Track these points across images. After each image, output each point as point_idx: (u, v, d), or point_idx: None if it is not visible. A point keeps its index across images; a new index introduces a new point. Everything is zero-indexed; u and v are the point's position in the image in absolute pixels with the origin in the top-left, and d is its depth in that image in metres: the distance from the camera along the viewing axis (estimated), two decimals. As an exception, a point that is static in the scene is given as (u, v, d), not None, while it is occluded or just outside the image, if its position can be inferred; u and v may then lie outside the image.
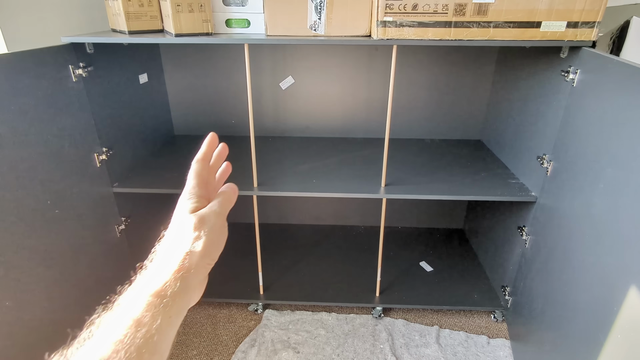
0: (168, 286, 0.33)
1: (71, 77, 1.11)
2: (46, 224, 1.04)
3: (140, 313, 0.31)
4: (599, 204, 0.92)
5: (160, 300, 0.32)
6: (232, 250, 1.79)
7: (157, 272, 0.34)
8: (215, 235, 0.38)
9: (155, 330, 0.30)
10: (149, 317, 0.30)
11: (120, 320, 0.30)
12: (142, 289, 0.33)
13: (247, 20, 1.20)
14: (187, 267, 0.35)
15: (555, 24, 1.03)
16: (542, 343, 1.16)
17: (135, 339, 0.29)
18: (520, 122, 1.39)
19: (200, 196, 0.40)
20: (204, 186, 0.41)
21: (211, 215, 0.39)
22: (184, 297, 0.34)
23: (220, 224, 0.39)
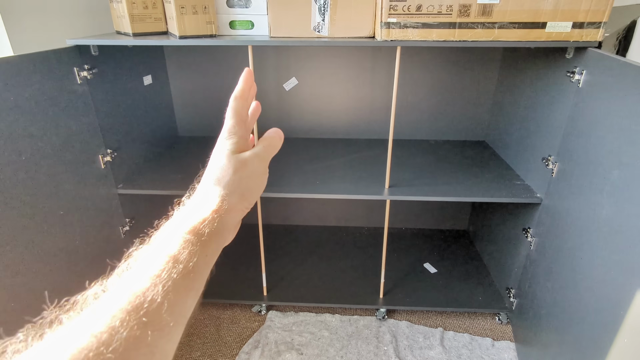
0: (205, 225, 0.33)
1: (76, 79, 1.12)
2: (51, 225, 1.05)
3: (177, 250, 0.31)
4: (605, 206, 0.91)
5: (197, 238, 0.32)
6: (235, 251, 1.79)
7: (195, 210, 0.34)
8: (256, 180, 0.38)
9: (192, 268, 0.30)
10: (185, 254, 0.31)
11: (157, 256, 0.30)
12: (179, 226, 0.33)
13: (250, 22, 1.20)
14: (225, 209, 0.35)
15: (560, 24, 1.03)
16: (547, 346, 1.15)
17: (172, 274, 0.29)
18: (525, 123, 1.38)
19: (240, 136, 0.39)
20: (242, 125, 0.40)
21: (254, 159, 0.38)
22: (219, 237, 0.34)
23: (262, 169, 0.39)
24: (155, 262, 0.29)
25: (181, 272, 0.29)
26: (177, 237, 0.32)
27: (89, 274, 1.19)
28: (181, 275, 0.29)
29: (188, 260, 0.30)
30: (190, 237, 0.32)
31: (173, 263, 0.30)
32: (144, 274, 0.29)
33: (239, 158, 0.37)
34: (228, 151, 0.38)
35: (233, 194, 0.36)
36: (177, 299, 0.28)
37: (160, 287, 0.28)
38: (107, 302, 0.27)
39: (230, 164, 0.37)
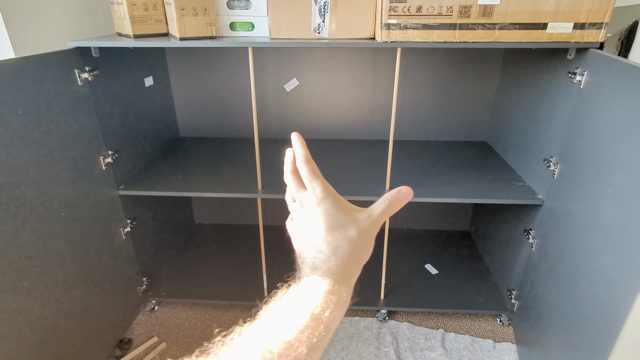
0: (338, 289, 0.34)
1: (77, 81, 1.12)
2: (52, 226, 1.05)
3: (319, 309, 0.31)
4: (607, 208, 0.90)
5: (337, 297, 0.33)
6: (236, 252, 1.79)
7: (328, 273, 0.35)
8: (367, 248, 0.39)
9: (330, 327, 0.32)
10: (327, 313, 0.31)
11: (297, 313, 0.31)
12: (315, 284, 0.34)
13: (251, 24, 1.20)
14: (350, 279, 0.36)
15: (561, 25, 1.02)
16: (548, 348, 1.14)
17: (313, 335, 0.30)
18: (527, 124, 1.38)
19: (333, 193, 0.39)
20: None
21: (372, 227, 0.39)
22: (346, 304, 0.35)
23: (373, 233, 0.39)
24: (294, 320, 0.31)
25: (321, 334, 0.30)
26: (317, 295, 0.32)
27: (90, 274, 1.19)
28: (321, 337, 0.30)
29: (329, 320, 0.31)
30: (328, 297, 0.33)
31: (315, 322, 0.31)
32: (280, 332, 0.30)
33: (359, 231, 0.37)
34: (357, 220, 0.38)
35: (355, 266, 0.37)
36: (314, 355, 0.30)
37: (304, 347, 0.29)
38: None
39: (352, 237, 0.37)
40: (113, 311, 1.35)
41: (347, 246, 0.36)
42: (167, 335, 1.44)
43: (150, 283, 1.56)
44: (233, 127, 1.80)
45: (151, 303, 1.54)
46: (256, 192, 1.32)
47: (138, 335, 1.44)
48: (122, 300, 1.40)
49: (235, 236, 1.92)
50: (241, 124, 1.80)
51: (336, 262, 0.35)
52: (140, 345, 1.39)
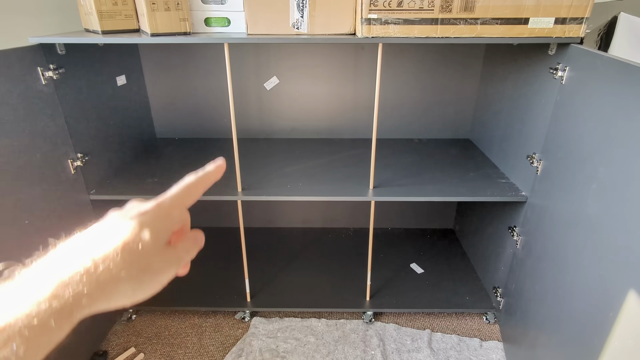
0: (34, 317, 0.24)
1: (40, 79, 1.05)
2: (16, 235, 0.98)
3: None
4: (592, 204, 0.90)
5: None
6: (217, 256, 1.74)
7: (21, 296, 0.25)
8: (143, 264, 0.29)
9: None
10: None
11: None
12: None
13: (227, 19, 1.15)
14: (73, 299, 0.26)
15: (543, 20, 1.01)
16: (535, 345, 1.13)
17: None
18: (509, 121, 1.37)
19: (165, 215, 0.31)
20: (182, 211, 0.33)
21: (160, 231, 0.30)
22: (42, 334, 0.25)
23: (167, 279, 0.30)
24: None
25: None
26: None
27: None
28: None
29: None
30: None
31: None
32: None
33: (140, 220, 0.29)
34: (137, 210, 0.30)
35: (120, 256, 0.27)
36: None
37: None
38: None
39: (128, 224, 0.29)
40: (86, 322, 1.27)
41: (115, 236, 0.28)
42: (145, 345, 1.38)
43: (126, 291, 1.50)
44: (212, 127, 1.75)
45: (127, 312, 1.47)
46: (236, 194, 1.27)
47: (114, 347, 1.37)
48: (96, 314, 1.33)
49: (215, 239, 1.86)
50: (220, 123, 1.74)
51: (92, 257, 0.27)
52: (117, 357, 1.33)
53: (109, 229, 0.29)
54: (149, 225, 0.30)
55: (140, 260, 0.29)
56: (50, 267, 0.27)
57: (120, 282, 0.28)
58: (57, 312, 0.25)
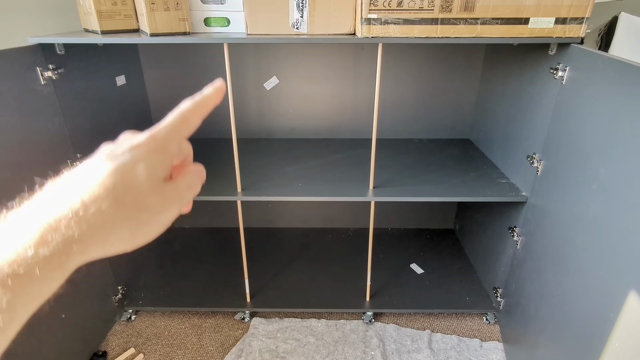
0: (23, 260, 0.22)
1: (39, 79, 1.05)
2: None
3: None
4: (593, 205, 0.89)
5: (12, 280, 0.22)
6: (217, 256, 1.74)
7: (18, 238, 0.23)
8: (136, 205, 0.26)
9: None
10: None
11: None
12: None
13: (226, 19, 1.15)
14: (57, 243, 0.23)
15: (543, 20, 1.01)
16: (535, 346, 1.13)
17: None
18: (509, 121, 1.37)
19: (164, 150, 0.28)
20: (178, 141, 0.30)
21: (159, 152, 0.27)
22: (43, 280, 0.23)
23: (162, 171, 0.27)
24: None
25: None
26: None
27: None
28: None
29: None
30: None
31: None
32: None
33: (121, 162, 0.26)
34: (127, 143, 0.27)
35: (86, 214, 0.24)
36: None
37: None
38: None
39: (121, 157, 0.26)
40: (86, 322, 1.28)
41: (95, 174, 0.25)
42: (145, 345, 1.38)
43: (126, 292, 1.49)
44: (211, 127, 1.75)
45: (127, 312, 1.47)
46: (235, 194, 1.27)
47: (114, 347, 1.37)
48: (96, 310, 1.33)
49: (215, 240, 1.86)
50: (220, 124, 1.74)
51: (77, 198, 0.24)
52: (116, 357, 1.32)
53: (100, 165, 0.26)
54: (144, 160, 0.26)
55: (137, 198, 0.26)
56: (36, 211, 0.24)
57: (115, 224, 0.25)
58: (46, 260, 0.23)
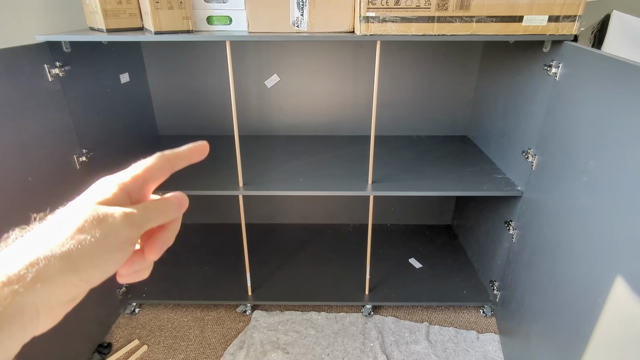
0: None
1: (47, 76, 1.08)
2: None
3: None
4: (582, 197, 0.92)
5: None
6: (219, 251, 1.77)
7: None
8: (107, 248, 0.25)
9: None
10: None
11: None
12: None
13: (228, 17, 1.18)
14: (33, 277, 0.23)
15: (536, 18, 1.04)
16: (530, 337, 1.16)
17: None
18: (505, 117, 1.40)
19: (127, 192, 0.29)
20: (141, 186, 0.30)
21: (120, 220, 0.26)
22: (10, 323, 0.22)
23: (124, 237, 0.26)
24: None
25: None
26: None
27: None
28: None
29: None
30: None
31: None
32: None
33: (98, 210, 0.26)
34: (95, 197, 0.27)
35: (59, 259, 0.24)
36: None
37: None
38: None
39: (82, 214, 0.26)
40: (91, 315, 1.31)
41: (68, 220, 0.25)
42: (149, 338, 1.41)
43: (130, 285, 1.52)
44: (213, 124, 1.77)
45: (131, 305, 1.50)
46: (237, 189, 1.29)
47: (118, 339, 1.40)
48: (101, 303, 1.36)
49: (217, 235, 1.89)
50: (222, 121, 1.77)
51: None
52: (121, 349, 1.35)
53: (69, 216, 0.26)
54: (114, 233, 0.26)
55: (92, 250, 0.25)
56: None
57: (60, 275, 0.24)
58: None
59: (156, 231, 0.31)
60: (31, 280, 0.23)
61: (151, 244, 0.30)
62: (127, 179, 0.29)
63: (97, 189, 0.28)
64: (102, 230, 0.25)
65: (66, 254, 0.24)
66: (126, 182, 0.29)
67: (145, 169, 0.30)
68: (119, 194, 0.28)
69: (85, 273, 0.25)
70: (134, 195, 0.29)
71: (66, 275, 0.24)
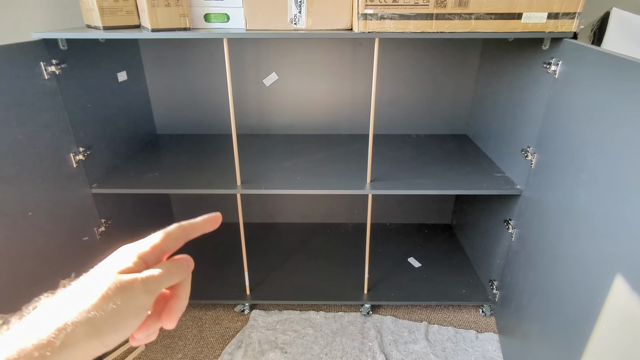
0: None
1: (43, 74, 1.07)
2: (18, 226, 1.00)
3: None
4: (582, 195, 0.91)
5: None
6: (217, 250, 1.76)
7: (22, 334, 0.25)
8: (127, 314, 0.28)
9: None
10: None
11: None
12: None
13: (226, 15, 1.17)
14: (61, 343, 0.25)
15: (536, 15, 1.03)
16: (529, 336, 1.15)
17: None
18: (504, 116, 1.39)
19: (145, 260, 0.31)
20: (158, 255, 0.33)
21: (140, 288, 0.29)
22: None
23: (142, 304, 0.29)
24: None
25: None
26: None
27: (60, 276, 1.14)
28: None
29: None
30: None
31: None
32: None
33: (120, 279, 0.29)
34: (116, 266, 0.30)
35: (84, 324, 0.26)
36: None
37: None
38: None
39: (104, 283, 0.28)
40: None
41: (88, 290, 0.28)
42: (146, 337, 1.40)
43: (127, 284, 1.52)
44: (211, 123, 1.77)
45: (129, 305, 1.49)
46: (235, 188, 1.29)
47: (115, 339, 1.39)
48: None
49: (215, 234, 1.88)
50: (220, 119, 1.76)
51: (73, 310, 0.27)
52: (118, 348, 1.35)
53: (92, 284, 0.29)
54: (131, 303, 0.29)
55: (110, 318, 0.28)
56: (16, 335, 0.26)
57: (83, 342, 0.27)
58: None
59: (170, 300, 0.33)
60: (59, 346, 0.25)
61: (168, 313, 0.33)
62: (147, 249, 0.32)
63: (118, 257, 0.31)
64: (124, 298, 0.28)
65: (91, 320, 0.27)
66: (145, 252, 0.32)
67: (163, 238, 0.33)
68: (138, 263, 0.31)
69: (106, 338, 0.27)
70: (150, 263, 0.32)
71: (89, 341, 0.27)
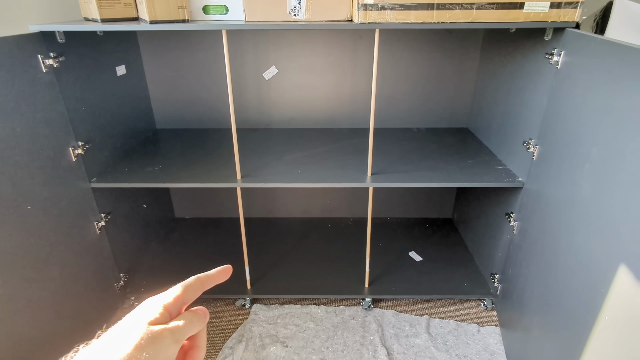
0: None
1: (41, 67, 1.07)
2: (17, 220, 1.00)
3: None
4: (585, 186, 0.91)
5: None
6: (217, 245, 1.76)
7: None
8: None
9: None
10: None
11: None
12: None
13: (225, 7, 1.16)
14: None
15: (538, 4, 1.02)
16: (530, 328, 1.15)
17: None
18: (506, 108, 1.38)
19: (169, 311, 0.34)
20: (179, 306, 0.35)
21: (168, 338, 0.31)
22: None
23: (170, 353, 0.32)
24: None
25: None
26: None
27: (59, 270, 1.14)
28: None
29: None
30: None
31: None
32: None
33: (151, 330, 0.31)
34: (146, 317, 0.32)
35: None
36: None
37: None
38: None
39: (136, 334, 0.30)
40: (89, 310, 1.30)
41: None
42: (147, 331, 1.40)
43: (128, 279, 1.52)
44: (211, 118, 1.76)
45: (130, 300, 1.49)
46: (235, 181, 1.28)
47: (116, 333, 1.39)
48: (99, 297, 1.35)
49: (216, 229, 1.88)
50: (220, 114, 1.75)
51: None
52: None
53: (125, 334, 0.30)
54: (156, 344, 0.31)
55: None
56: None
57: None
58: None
59: (190, 351, 0.36)
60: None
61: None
62: (170, 300, 0.34)
63: (146, 309, 0.33)
64: (155, 348, 0.30)
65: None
66: (170, 303, 0.34)
67: (184, 290, 0.36)
68: (164, 314, 0.33)
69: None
70: (173, 314, 0.35)
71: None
